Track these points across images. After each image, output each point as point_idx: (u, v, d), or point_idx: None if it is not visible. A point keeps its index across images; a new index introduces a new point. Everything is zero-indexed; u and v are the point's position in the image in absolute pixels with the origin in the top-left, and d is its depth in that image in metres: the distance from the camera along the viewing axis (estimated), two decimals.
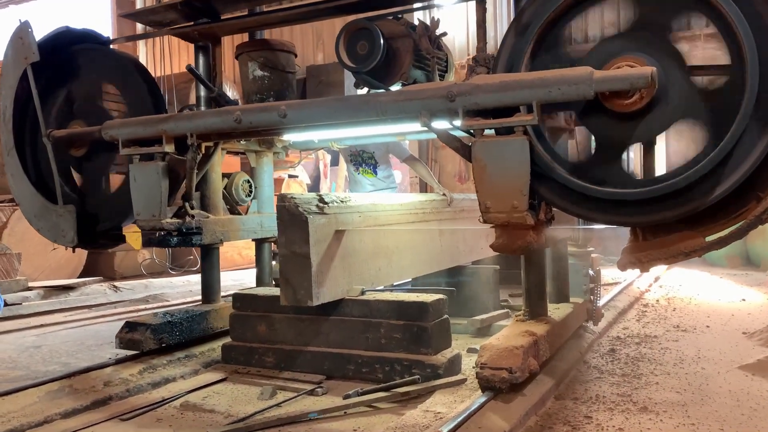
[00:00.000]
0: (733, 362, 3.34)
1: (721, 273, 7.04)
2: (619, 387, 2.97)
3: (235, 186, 4.33)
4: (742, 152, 2.18)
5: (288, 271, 3.10)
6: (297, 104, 2.98)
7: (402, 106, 2.67)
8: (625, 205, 2.36)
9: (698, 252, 2.34)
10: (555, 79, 2.32)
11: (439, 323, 3.12)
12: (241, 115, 2.99)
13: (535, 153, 2.44)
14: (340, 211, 3.28)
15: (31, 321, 5.32)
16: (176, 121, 3.16)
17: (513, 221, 2.49)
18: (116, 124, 3.30)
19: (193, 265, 8.37)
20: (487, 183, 2.50)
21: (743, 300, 5.30)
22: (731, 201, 2.27)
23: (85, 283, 6.73)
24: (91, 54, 3.76)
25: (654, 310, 4.92)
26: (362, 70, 3.12)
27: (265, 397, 2.93)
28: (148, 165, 3.24)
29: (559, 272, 3.77)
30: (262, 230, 4.33)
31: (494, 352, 2.61)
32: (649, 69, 2.21)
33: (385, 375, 3.05)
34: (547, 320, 3.14)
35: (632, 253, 2.44)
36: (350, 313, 3.22)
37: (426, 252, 4.09)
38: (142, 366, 3.30)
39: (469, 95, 2.48)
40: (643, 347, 3.71)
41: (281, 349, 3.35)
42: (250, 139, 4.13)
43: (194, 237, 3.61)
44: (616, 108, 2.35)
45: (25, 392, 2.93)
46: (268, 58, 3.79)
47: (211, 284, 4.09)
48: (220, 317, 3.88)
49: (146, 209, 3.28)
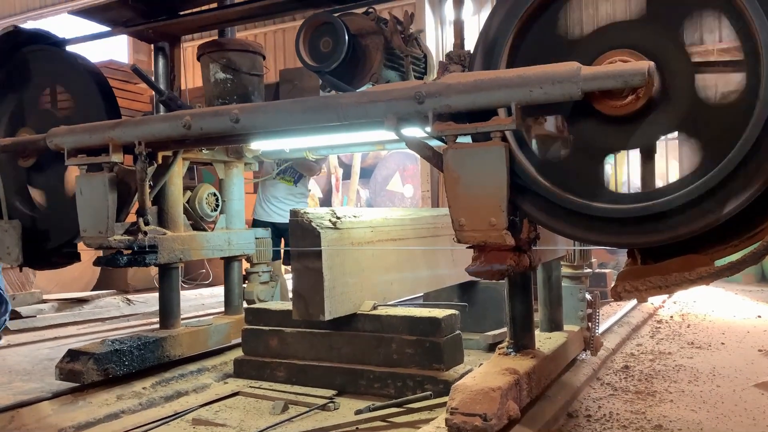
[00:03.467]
0: (749, 380, 3.31)
1: (736, 289, 6.96)
2: (633, 404, 2.95)
3: (199, 199, 4.02)
4: (757, 161, 1.85)
5: (300, 285, 3.11)
6: (250, 108, 2.68)
7: (365, 110, 2.35)
8: (619, 224, 2.05)
9: (706, 279, 2.00)
10: (536, 77, 2.00)
11: (452, 339, 3.11)
12: (191, 120, 2.71)
13: (515, 163, 2.14)
14: (352, 226, 3.30)
15: (46, 333, 5.37)
16: (123, 128, 2.88)
17: (490, 241, 2.17)
18: (61, 131, 3.00)
19: (205, 279, 8.40)
20: (460, 197, 2.18)
21: (759, 317, 5.24)
22: (744, 219, 1.96)
23: (98, 296, 6.77)
24: (42, 56, 3.45)
25: (668, 327, 4.87)
26: (325, 70, 2.80)
27: (276, 411, 2.93)
28: (94, 176, 2.94)
29: (550, 296, 3.35)
30: (230, 247, 4.04)
31: (467, 394, 2.23)
32: (646, 64, 1.91)
33: (397, 390, 3.04)
34: (534, 354, 2.74)
35: (628, 279, 2.11)
36: (362, 328, 3.22)
37: (438, 267, 4.09)
38: (154, 380, 3.32)
39: (440, 96, 2.16)
40: (657, 364, 3.68)
41: (293, 364, 3.35)
42: (214, 148, 3.86)
43: (148, 256, 3.32)
44: (608, 111, 2.04)
45: (40, 405, 2.95)
46: (231, 59, 3.51)
47: (169, 308, 3.78)
48: (177, 344, 3.60)
49: (93, 225, 2.97)
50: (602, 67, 2.00)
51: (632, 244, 2.11)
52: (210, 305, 6.71)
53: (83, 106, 3.32)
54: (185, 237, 3.69)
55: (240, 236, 4.13)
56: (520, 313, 2.79)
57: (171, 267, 3.76)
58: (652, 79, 1.92)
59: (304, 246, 3.09)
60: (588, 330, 3.50)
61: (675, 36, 2.00)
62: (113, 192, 2.95)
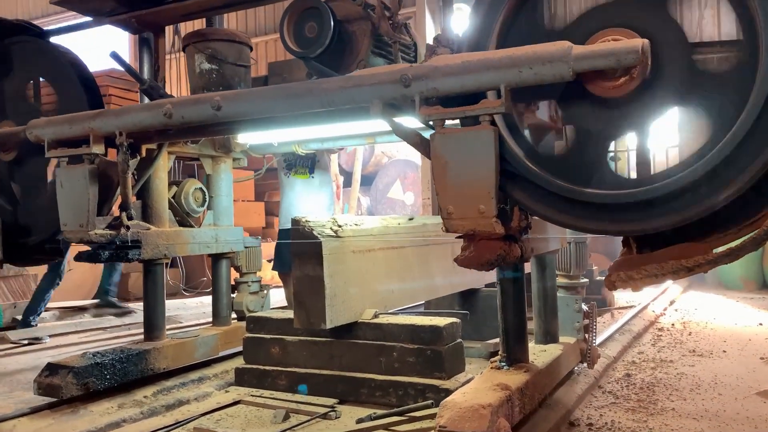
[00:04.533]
0: (751, 388, 3.30)
1: (737, 297, 6.96)
2: (634, 413, 2.94)
3: (185, 194, 3.91)
4: (756, 144, 1.78)
5: (302, 293, 3.11)
6: (232, 95, 2.62)
7: (350, 94, 2.27)
8: (612, 210, 1.97)
9: (703, 266, 1.92)
10: (526, 57, 1.94)
11: (453, 347, 3.11)
12: (172, 108, 2.64)
13: (505, 148, 2.07)
14: (354, 234, 3.30)
15: (47, 342, 5.36)
16: (103, 118, 2.81)
17: (479, 229, 2.10)
18: (41, 123, 2.94)
19: (206, 287, 8.40)
20: (448, 184, 2.10)
21: (760, 324, 5.24)
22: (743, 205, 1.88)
23: (99, 305, 6.78)
24: (22, 47, 3.39)
25: (669, 335, 4.87)
26: (310, 56, 2.75)
27: (278, 420, 2.93)
28: (75, 169, 2.87)
29: (545, 307, 3.26)
30: (217, 244, 3.95)
31: (456, 412, 2.15)
32: (640, 41, 1.84)
33: (398, 399, 3.04)
34: (528, 368, 2.65)
35: (623, 269, 2.05)
36: (363, 337, 3.21)
37: (439, 274, 4.09)
38: (155, 388, 3.32)
39: (426, 79, 2.09)
40: (658, 372, 3.67)
41: (294, 372, 3.35)
42: (198, 140, 3.78)
43: (131, 251, 3.19)
44: (601, 92, 1.98)
45: (41, 414, 2.95)
46: (217, 49, 3.42)
47: (154, 318, 3.68)
48: (162, 357, 3.51)
49: (73, 219, 2.89)
50: (594, 45, 1.94)
51: (626, 231, 2.03)
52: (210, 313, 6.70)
53: (65, 98, 3.25)
54: (170, 232, 3.62)
55: (228, 233, 4.04)
56: (512, 325, 2.71)
57: (155, 264, 3.66)
58: (646, 57, 1.86)
59: (306, 254, 3.09)
60: (585, 341, 3.42)
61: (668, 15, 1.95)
62: (94, 185, 2.88)
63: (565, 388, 3.13)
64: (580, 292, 3.47)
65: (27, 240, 3.37)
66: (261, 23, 11.83)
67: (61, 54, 3.34)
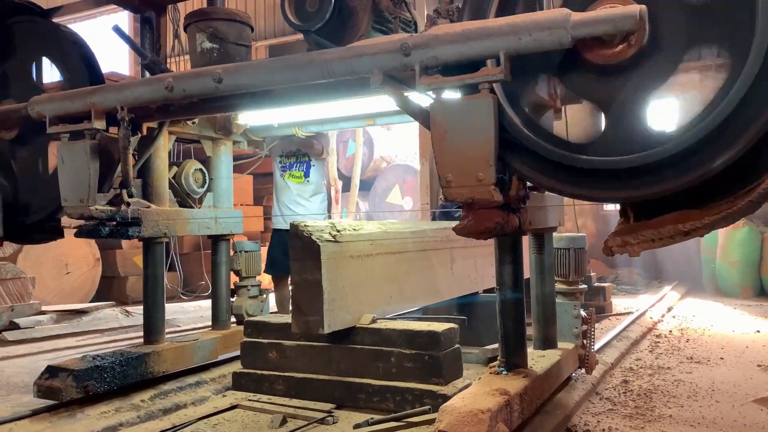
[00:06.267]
0: (748, 395, 3.31)
1: (734, 304, 6.97)
2: (632, 419, 2.95)
3: (185, 175, 3.92)
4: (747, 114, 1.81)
5: (300, 298, 3.12)
6: (233, 67, 2.67)
7: (351, 65, 2.30)
8: (609, 177, 2.01)
9: (700, 230, 1.94)
10: (525, 24, 1.97)
11: (451, 353, 3.11)
12: (173, 82, 2.68)
13: (504, 116, 2.10)
14: (352, 239, 3.30)
15: (44, 345, 5.35)
16: (104, 93, 2.85)
17: (478, 197, 2.12)
18: (43, 99, 2.99)
19: (204, 291, 8.40)
20: (447, 152, 2.13)
21: (758, 332, 5.24)
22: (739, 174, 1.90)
23: (97, 308, 6.76)
24: (26, 27, 3.41)
25: (667, 341, 4.87)
26: (310, 29, 2.76)
27: (275, 425, 2.93)
28: (76, 144, 2.90)
29: (544, 313, 3.27)
30: (216, 225, 3.96)
31: (455, 416, 2.17)
32: (637, 7, 1.86)
33: (396, 405, 3.04)
34: (526, 373, 2.68)
35: (620, 235, 2.06)
36: (361, 342, 3.21)
37: (437, 280, 4.10)
38: (153, 392, 3.31)
39: (426, 48, 2.12)
40: (656, 379, 3.68)
41: (292, 377, 3.35)
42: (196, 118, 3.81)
43: (131, 228, 3.24)
44: (599, 60, 2.01)
45: (38, 417, 2.95)
46: (218, 28, 3.43)
47: (153, 322, 3.67)
48: (162, 360, 3.51)
49: (74, 194, 2.91)
50: (592, 12, 1.96)
51: (622, 197, 2.07)
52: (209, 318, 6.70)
53: (68, 75, 3.26)
54: (170, 212, 3.64)
55: (227, 215, 4.05)
56: (511, 330, 2.73)
57: (156, 242, 3.66)
58: (644, 23, 1.89)
59: (304, 259, 3.09)
60: (583, 347, 3.43)
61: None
62: (95, 160, 2.89)
63: (563, 394, 3.13)
64: (579, 298, 3.49)
65: (26, 218, 3.38)
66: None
67: (63, 33, 3.35)
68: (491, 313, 4.26)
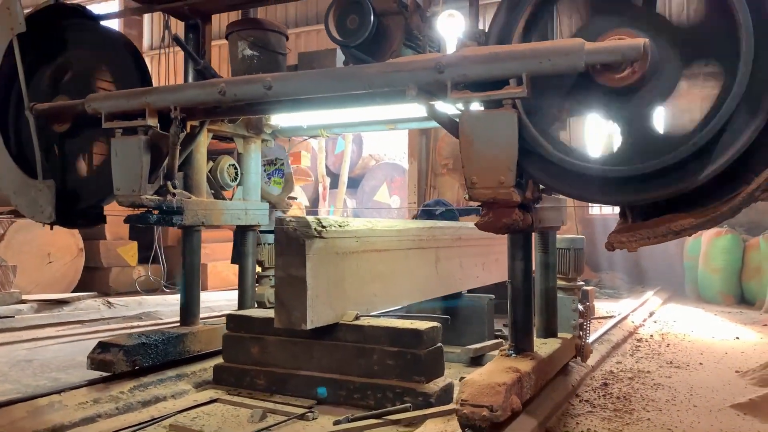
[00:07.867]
0: (726, 401, 3.34)
1: (715, 310, 7.03)
2: (610, 422, 2.96)
3: (221, 169, 4.30)
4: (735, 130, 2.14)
5: (283, 293, 3.11)
6: (282, 76, 2.96)
7: (389, 78, 2.62)
8: (612, 183, 2.33)
9: (688, 231, 2.29)
10: (546, 50, 2.30)
11: (433, 351, 3.12)
12: (226, 87, 2.94)
13: (523, 128, 2.42)
14: (338, 236, 3.30)
15: (23, 335, 5.29)
16: (160, 94, 3.11)
17: (499, 197, 2.45)
18: (100, 96, 3.25)
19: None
20: (473, 158, 2.46)
21: (737, 338, 5.30)
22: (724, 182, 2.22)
23: (79, 298, 6.70)
24: (79, 29, 3.68)
25: (648, 345, 4.91)
26: (351, 45, 3.03)
27: (255, 420, 2.92)
28: (129, 139, 3.17)
29: (546, 306, 3.57)
30: (246, 217, 4.27)
31: (475, 388, 2.47)
32: (641, 40, 2.19)
33: (376, 402, 3.04)
34: (533, 356, 2.96)
35: (620, 233, 2.40)
36: (344, 338, 3.21)
37: (422, 279, 4.10)
38: (132, 384, 3.28)
39: (458, 66, 2.45)
40: (635, 382, 3.70)
41: (273, 372, 3.34)
42: (236, 119, 4.10)
43: (175, 216, 3.51)
44: (608, 83, 2.33)
45: (15, 406, 2.90)
46: (259, 37, 3.71)
47: (191, 302, 3.98)
48: (197, 340, 3.80)
49: (126, 184, 3.19)
50: (603, 42, 2.30)
51: (622, 202, 2.41)
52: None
53: (119, 76, 3.53)
54: (207, 202, 3.94)
55: (256, 207, 4.38)
56: (521, 318, 3.00)
57: (194, 230, 3.99)
58: (646, 54, 2.20)
59: (289, 254, 3.09)
60: (579, 338, 3.75)
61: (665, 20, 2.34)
62: (147, 154, 3.17)
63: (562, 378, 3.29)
64: (577, 294, 3.81)
65: (75, 206, 3.66)
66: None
67: (116, 37, 3.73)
68: (474, 314, 4.31)
